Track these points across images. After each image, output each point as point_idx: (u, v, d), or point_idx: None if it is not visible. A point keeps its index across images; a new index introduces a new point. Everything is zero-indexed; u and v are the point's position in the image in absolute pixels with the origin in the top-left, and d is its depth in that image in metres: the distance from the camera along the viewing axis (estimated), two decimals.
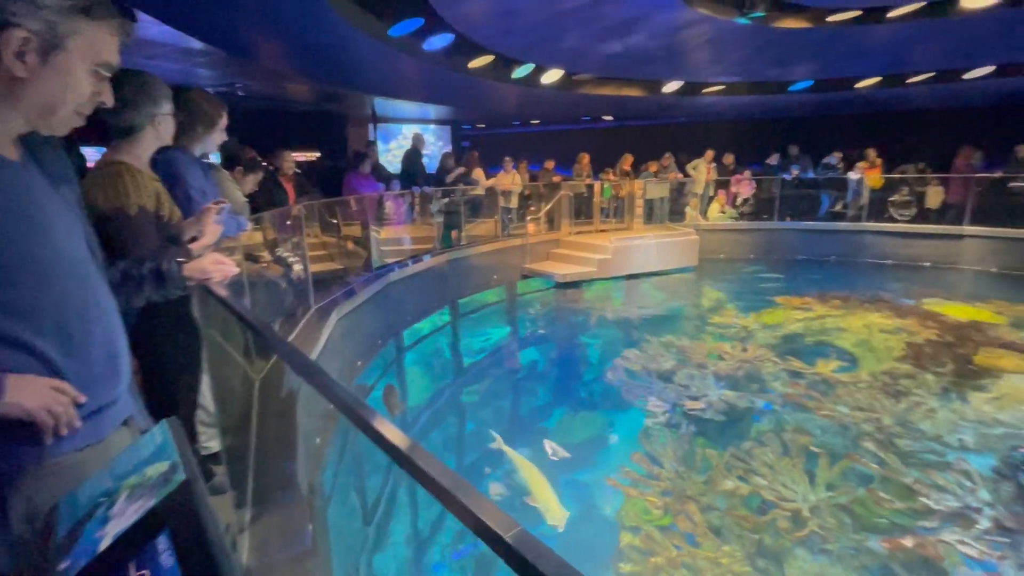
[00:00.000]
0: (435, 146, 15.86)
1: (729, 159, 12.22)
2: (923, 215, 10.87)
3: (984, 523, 3.27)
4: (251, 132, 7.37)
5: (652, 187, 11.51)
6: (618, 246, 9.81)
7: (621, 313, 8.57)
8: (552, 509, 3.41)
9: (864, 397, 4.96)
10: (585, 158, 11.31)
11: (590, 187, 11.05)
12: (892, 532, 3.27)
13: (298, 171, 6.83)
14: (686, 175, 11.93)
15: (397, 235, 7.96)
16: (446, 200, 8.39)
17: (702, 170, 11.92)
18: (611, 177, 11.36)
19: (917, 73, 10.57)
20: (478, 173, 9.75)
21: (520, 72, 9.43)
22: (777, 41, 8.28)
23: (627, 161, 11.40)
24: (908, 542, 3.17)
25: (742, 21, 7.21)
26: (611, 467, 4.13)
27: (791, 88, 11.53)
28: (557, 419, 5.03)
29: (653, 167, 11.73)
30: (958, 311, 7.42)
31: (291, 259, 4.18)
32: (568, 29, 7.59)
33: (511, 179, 10.13)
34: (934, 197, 10.78)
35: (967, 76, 10.29)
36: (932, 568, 2.99)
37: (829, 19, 7.51)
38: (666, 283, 10.00)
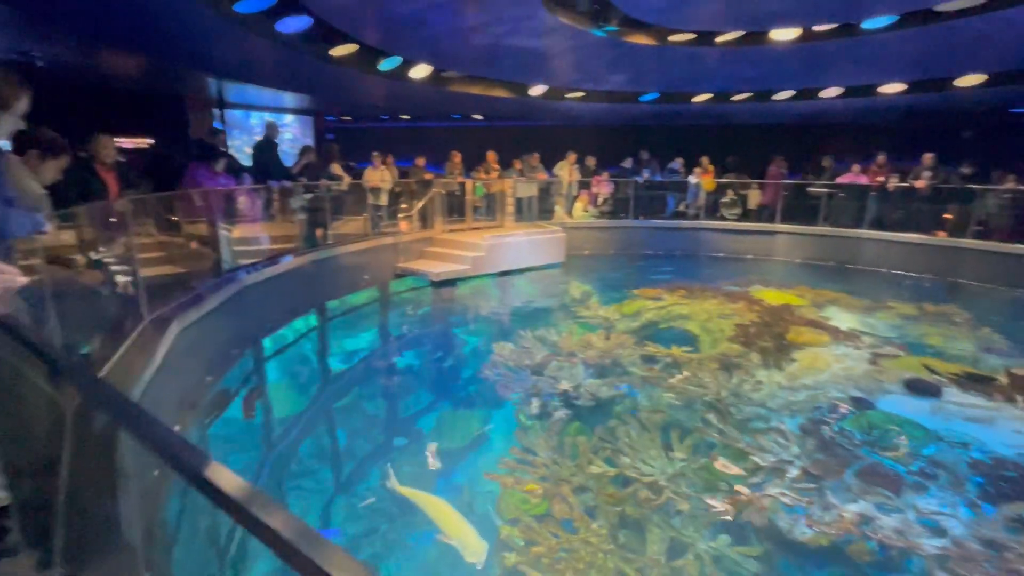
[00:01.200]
0: (296, 137, 14.71)
1: (591, 161, 13.09)
2: (746, 215, 12.70)
3: (794, 472, 3.91)
4: (58, 113, 6.14)
5: (522, 186, 11.89)
6: (491, 243, 9.98)
7: (495, 309, 8.74)
8: (469, 544, 3.20)
9: (706, 375, 5.64)
10: (457, 156, 11.33)
11: (462, 185, 11.09)
12: (731, 491, 3.77)
13: (121, 160, 5.87)
14: (553, 175, 12.55)
15: (253, 234, 7.23)
16: (309, 196, 7.82)
17: (566, 171, 12.62)
18: (483, 175, 11.51)
19: (739, 92, 12.27)
20: (337, 168, 9.24)
21: (387, 65, 9.12)
22: (628, 54, 9.04)
23: (492, 158, 11.63)
24: (743, 498, 3.67)
25: (598, 33, 7.75)
26: (489, 462, 4.19)
27: (641, 99, 12.69)
28: (436, 420, 4.97)
29: (518, 164, 12.13)
30: (774, 296, 8.79)
31: (113, 263, 3.56)
32: (434, 25, 7.50)
33: (380, 175, 9.78)
34: (753, 199, 12.64)
35: (776, 97, 12.20)
36: (760, 516, 3.49)
37: (670, 38, 8.38)
38: (537, 278, 10.42)
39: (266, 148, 7.71)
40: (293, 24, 6.81)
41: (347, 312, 8.39)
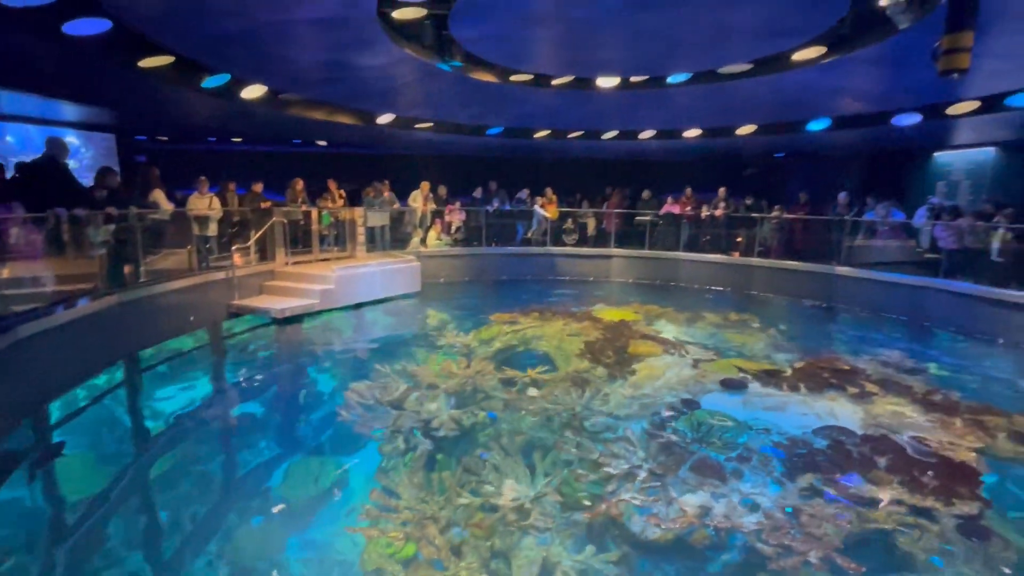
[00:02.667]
0: (88, 157, 12.37)
1: (443, 191, 13.26)
2: (586, 241, 13.92)
3: (642, 475, 4.27)
4: None
5: (374, 215, 11.56)
6: (341, 275, 9.48)
7: (349, 344, 8.26)
8: None
9: (562, 392, 5.94)
10: (299, 183, 10.61)
11: (307, 214, 10.40)
12: (590, 503, 3.97)
13: None
14: (406, 204, 12.43)
15: (31, 272, 5.87)
16: (112, 227, 6.64)
17: (420, 200, 12.60)
18: (330, 204, 10.94)
19: (574, 130, 13.52)
20: (158, 195, 8.08)
21: (213, 82, 8.25)
22: (474, 90, 9.42)
23: (332, 186, 11.13)
24: (600, 507, 3.89)
25: (443, 67, 7.95)
26: (349, 512, 3.86)
27: (488, 132, 13.28)
28: (284, 473, 4.45)
29: (371, 192, 11.82)
30: (613, 314, 9.67)
31: None
32: (269, 45, 7.02)
33: (208, 202, 8.73)
34: (591, 226, 13.92)
35: (604, 136, 13.68)
36: (616, 524, 3.73)
37: (512, 78, 8.95)
38: (393, 309, 10.12)
39: (49, 169, 6.39)
40: (86, 27, 5.81)
41: (167, 360, 7.23)
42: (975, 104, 9.05)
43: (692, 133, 12.99)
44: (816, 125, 11.43)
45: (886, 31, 6.16)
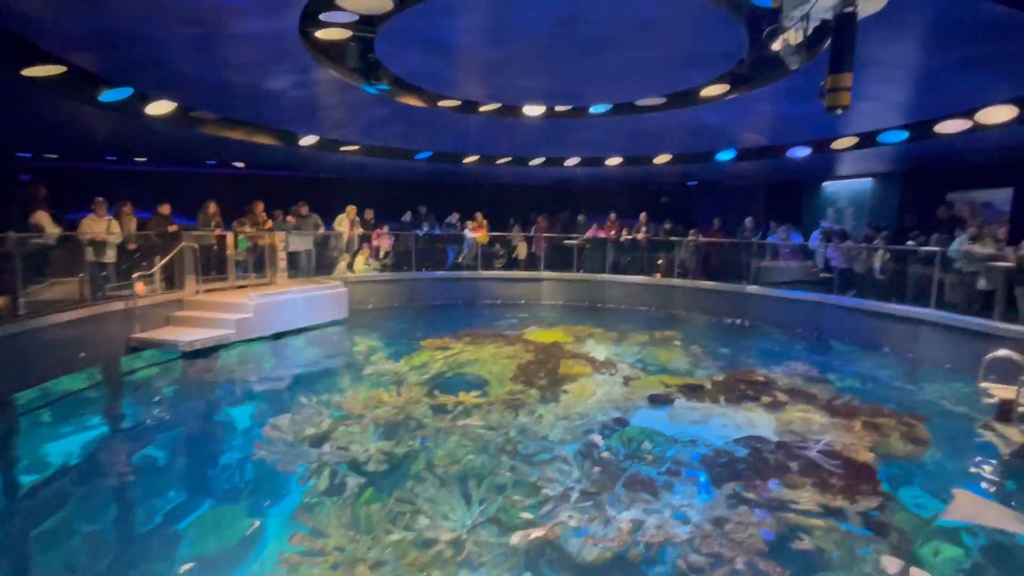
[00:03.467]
0: None
1: (370, 214, 12.95)
2: (516, 264, 14.09)
3: (576, 496, 4.28)
4: None
5: (296, 239, 11.06)
6: (260, 303, 8.93)
7: (269, 377, 7.74)
8: None
9: (496, 416, 5.87)
10: (212, 206, 9.97)
11: (221, 238, 9.75)
12: (527, 528, 3.90)
13: None
14: (331, 228, 12.01)
15: None
16: None
17: (346, 224, 12.23)
18: (248, 229, 10.34)
19: (502, 156, 13.78)
20: (40, 216, 7.27)
21: (112, 95, 7.63)
22: (402, 114, 9.37)
23: (259, 209, 10.62)
24: (537, 531, 3.84)
25: (369, 89, 7.85)
26: (267, 561, 3.54)
27: (417, 156, 13.23)
28: (195, 524, 4.02)
29: (292, 218, 11.33)
30: (545, 335, 9.80)
31: None
32: (179, 61, 6.62)
33: (105, 225, 7.96)
34: (522, 250, 14.13)
35: (532, 162, 14.05)
36: (554, 547, 3.69)
37: (440, 103, 9.00)
38: (318, 338, 9.64)
39: None
40: None
41: (52, 403, 6.40)
42: (854, 140, 10.23)
43: (614, 161, 13.66)
44: (724, 156, 12.42)
45: (780, 72, 6.85)
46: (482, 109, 9.46)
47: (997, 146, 9.14)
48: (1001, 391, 5.63)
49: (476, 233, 13.64)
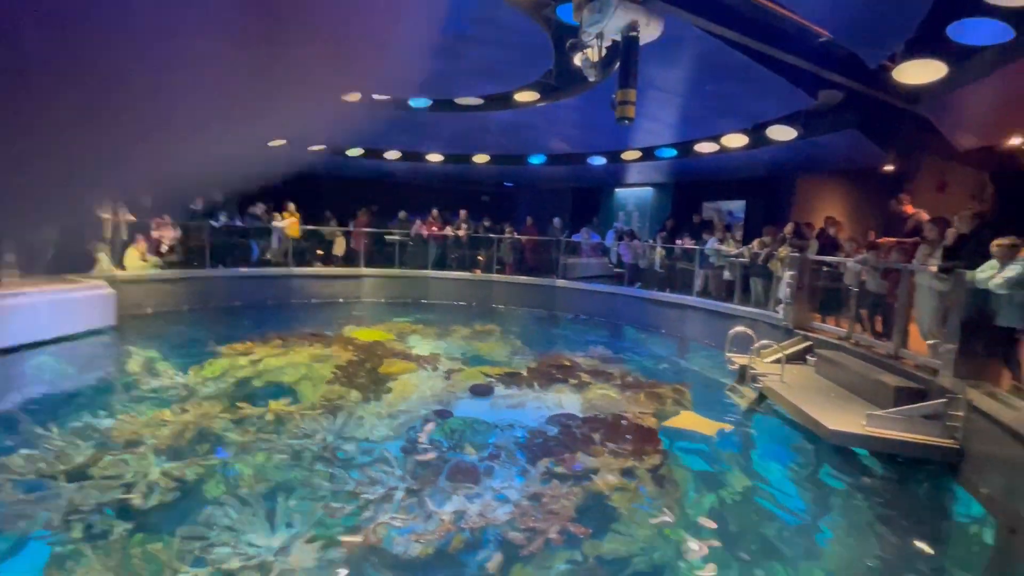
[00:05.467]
0: None
1: (147, 200, 10.84)
2: (333, 261, 13.23)
3: (400, 495, 4.18)
4: None
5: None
6: None
7: None
8: None
9: (310, 424, 5.42)
10: None
11: None
12: (348, 536, 3.67)
13: None
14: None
15: None
16: None
17: (108, 210, 10.03)
18: None
19: (314, 143, 12.79)
20: None
21: None
22: None
23: None
24: (358, 538, 3.64)
25: None
26: None
27: None
28: None
29: None
30: (366, 334, 9.39)
31: None
32: None
33: None
34: (339, 247, 13.30)
35: (349, 153, 13.33)
36: (377, 551, 3.54)
37: None
38: (72, 352, 7.75)
39: None
40: None
41: None
42: (638, 153, 11.95)
43: (435, 157, 13.73)
44: (535, 159, 13.40)
45: (583, 86, 7.63)
46: None
47: (735, 166, 11.56)
48: (740, 359, 7.14)
49: (287, 226, 12.42)
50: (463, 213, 13.74)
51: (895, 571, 3.67)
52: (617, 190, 16.71)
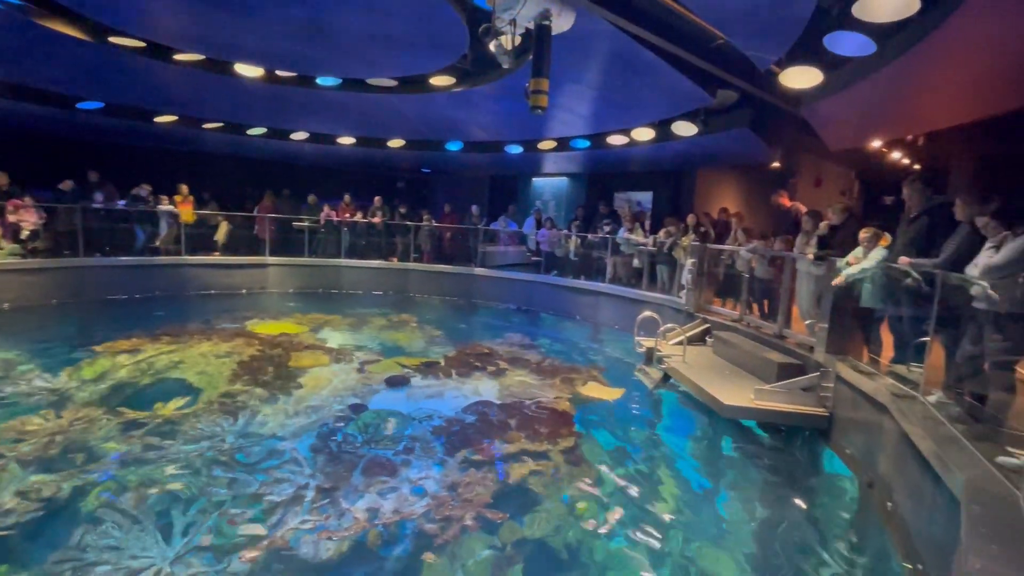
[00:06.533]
0: None
1: (2, 180, 9.38)
2: (233, 249, 12.22)
3: (311, 495, 3.99)
4: None
5: None
6: None
7: None
8: None
9: (207, 425, 5.01)
10: None
11: None
12: (252, 543, 3.44)
13: None
14: None
15: None
16: None
17: None
18: None
19: (209, 120, 11.70)
20: None
21: None
22: (50, 44, 6.99)
23: None
24: (265, 544, 3.42)
25: None
26: None
27: (80, 105, 10.11)
28: None
29: None
30: (272, 327, 8.83)
31: None
32: None
33: None
34: (222, 232, 12.11)
35: (250, 132, 12.33)
36: (284, 556, 3.36)
37: (112, 39, 7.03)
38: None
39: None
40: None
41: None
42: (554, 143, 12.15)
43: (347, 140, 13.08)
44: (453, 146, 13.20)
45: (499, 72, 7.58)
46: (179, 58, 7.79)
47: (644, 158, 12.12)
48: (647, 342, 7.56)
49: (179, 210, 11.30)
50: (377, 199, 13.26)
51: (778, 524, 4.09)
52: (534, 179, 16.93)
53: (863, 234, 5.22)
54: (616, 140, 10.81)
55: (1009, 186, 5.43)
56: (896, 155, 11.68)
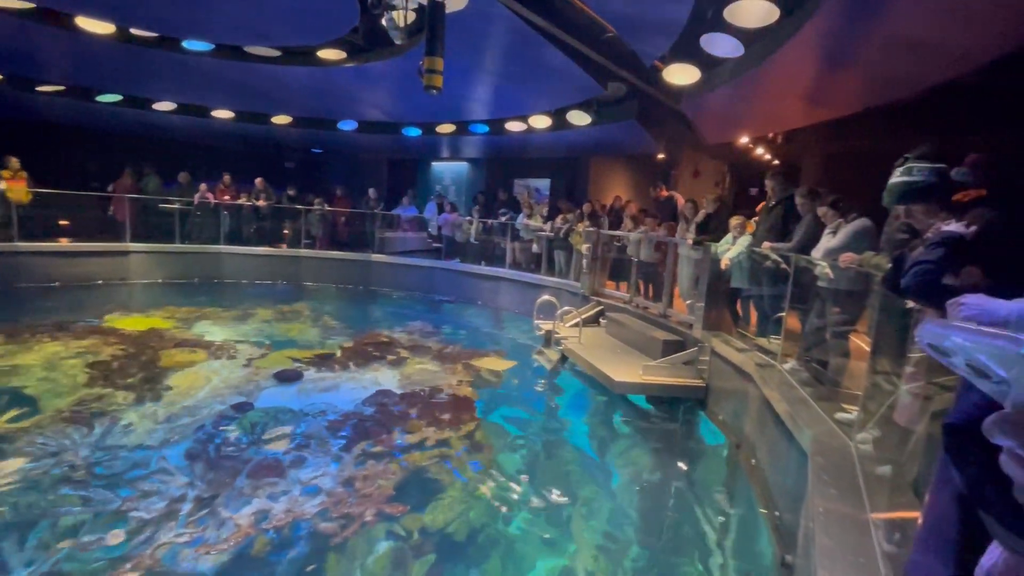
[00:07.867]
0: None
1: None
2: (87, 232, 10.64)
3: (188, 506, 3.62)
4: None
5: None
6: None
7: None
8: None
9: (54, 439, 4.33)
10: None
11: None
12: (112, 568, 3.04)
13: None
14: None
15: None
16: None
17: None
18: None
19: (45, 82, 9.98)
20: None
21: None
22: None
23: None
24: (123, 570, 3.04)
25: None
26: None
27: None
28: None
29: None
30: (136, 323, 7.84)
31: None
32: None
33: None
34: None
35: (100, 99, 10.70)
36: (158, 573, 3.01)
37: None
38: None
39: None
40: None
41: None
42: (452, 127, 11.96)
43: (223, 114, 11.85)
44: (346, 125, 12.50)
45: (393, 49, 7.25)
46: (4, 4, 6.51)
47: (541, 145, 12.36)
48: (546, 325, 7.79)
49: (10, 187, 9.54)
50: (259, 181, 12.19)
51: (664, 486, 4.46)
52: (434, 164, 16.60)
53: (733, 221, 5.77)
54: (514, 126, 10.90)
55: (847, 178, 6.29)
56: (760, 150, 13.05)
